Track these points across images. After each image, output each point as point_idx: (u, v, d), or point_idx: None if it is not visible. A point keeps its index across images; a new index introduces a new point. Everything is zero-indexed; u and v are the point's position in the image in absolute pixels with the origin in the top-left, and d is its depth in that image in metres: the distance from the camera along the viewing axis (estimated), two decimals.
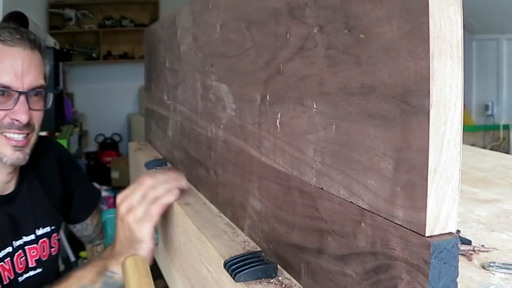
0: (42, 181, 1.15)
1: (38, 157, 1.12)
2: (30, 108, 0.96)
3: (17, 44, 0.95)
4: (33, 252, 1.08)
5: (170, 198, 0.89)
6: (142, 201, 0.88)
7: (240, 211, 0.76)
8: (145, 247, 0.86)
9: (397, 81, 0.39)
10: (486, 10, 3.51)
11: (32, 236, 1.08)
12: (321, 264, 0.52)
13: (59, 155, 1.24)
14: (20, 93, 0.95)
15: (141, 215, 0.87)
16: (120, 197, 0.92)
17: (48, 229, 1.12)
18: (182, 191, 0.94)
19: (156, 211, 0.88)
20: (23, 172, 1.10)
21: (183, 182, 0.95)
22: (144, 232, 0.87)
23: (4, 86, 0.94)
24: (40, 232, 1.10)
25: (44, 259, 1.10)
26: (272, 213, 0.64)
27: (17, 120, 0.95)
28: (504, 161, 1.21)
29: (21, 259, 1.05)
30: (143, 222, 0.87)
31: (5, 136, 0.96)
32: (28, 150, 1.00)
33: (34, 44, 0.98)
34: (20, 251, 1.05)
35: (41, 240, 1.10)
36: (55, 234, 1.15)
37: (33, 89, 0.97)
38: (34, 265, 1.08)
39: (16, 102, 0.95)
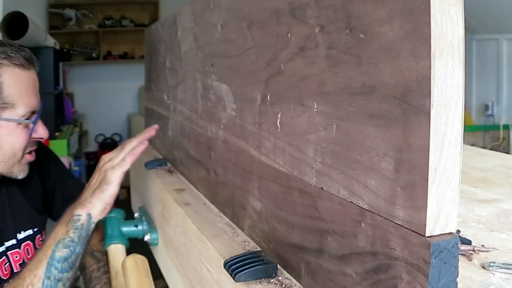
0: (20, 183, 1.11)
1: None
2: None
3: (32, 68, 0.99)
4: (16, 257, 1.06)
5: (141, 148, 1.01)
6: (120, 153, 1.00)
7: (240, 211, 0.76)
8: (111, 189, 0.96)
9: (398, 81, 0.39)
10: (486, 10, 3.51)
11: (14, 241, 1.06)
12: (321, 264, 0.52)
13: (36, 153, 1.20)
14: (38, 113, 0.99)
15: (117, 162, 0.99)
16: (104, 154, 1.04)
17: (30, 231, 1.10)
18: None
19: (130, 159, 0.99)
20: (1, 177, 1.06)
21: (152, 131, 1.05)
22: (115, 175, 0.97)
23: (35, 112, 0.98)
24: (21, 236, 1.09)
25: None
26: (272, 213, 0.64)
27: (40, 138, 1.01)
28: (504, 161, 1.21)
29: (5, 266, 1.04)
30: (117, 167, 0.98)
31: (27, 154, 1.00)
32: None
33: (36, 64, 1.01)
34: (3, 257, 1.03)
35: (23, 244, 1.08)
36: (39, 236, 1.13)
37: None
38: (19, 269, 1.04)
39: (34, 122, 0.99)
